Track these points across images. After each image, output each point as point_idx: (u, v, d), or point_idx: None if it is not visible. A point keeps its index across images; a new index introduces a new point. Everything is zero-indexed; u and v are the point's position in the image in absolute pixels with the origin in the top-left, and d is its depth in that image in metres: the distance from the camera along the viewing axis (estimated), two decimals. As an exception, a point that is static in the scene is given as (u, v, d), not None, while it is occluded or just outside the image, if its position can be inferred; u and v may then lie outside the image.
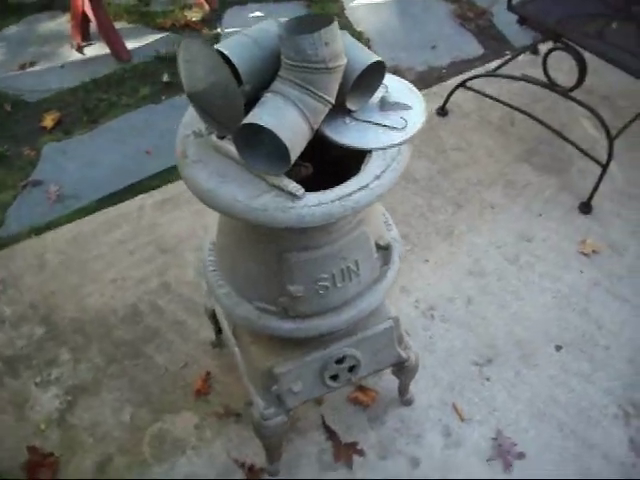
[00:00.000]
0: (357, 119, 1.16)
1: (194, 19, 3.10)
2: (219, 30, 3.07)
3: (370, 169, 1.08)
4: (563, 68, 2.37)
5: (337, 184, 1.08)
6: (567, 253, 2.15)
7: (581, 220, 2.24)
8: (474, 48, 2.94)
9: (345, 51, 1.07)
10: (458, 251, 2.17)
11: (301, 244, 1.19)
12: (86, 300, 2.04)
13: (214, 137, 1.13)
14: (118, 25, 3.00)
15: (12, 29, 3.17)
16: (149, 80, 2.81)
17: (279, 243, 1.19)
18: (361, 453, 1.73)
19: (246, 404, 1.76)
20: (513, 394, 1.83)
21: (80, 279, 2.09)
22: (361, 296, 1.31)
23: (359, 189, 1.05)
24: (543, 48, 2.69)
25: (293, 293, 1.21)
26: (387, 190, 1.08)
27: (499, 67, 2.49)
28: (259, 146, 1.06)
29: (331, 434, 1.75)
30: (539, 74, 2.33)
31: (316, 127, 1.07)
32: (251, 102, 1.06)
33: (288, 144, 1.00)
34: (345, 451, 1.73)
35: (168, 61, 2.88)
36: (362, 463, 1.71)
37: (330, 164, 1.18)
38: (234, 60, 1.04)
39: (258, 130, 1.03)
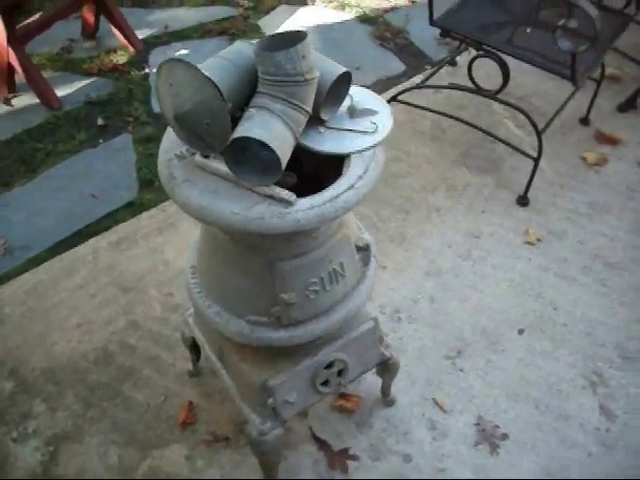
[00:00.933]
0: (330, 128, 1.22)
1: (120, 62, 3.11)
2: (147, 70, 3.09)
3: (352, 171, 1.15)
4: (480, 75, 2.52)
5: (315, 192, 1.13)
6: (514, 244, 2.28)
7: (521, 213, 2.38)
8: (396, 65, 3.09)
9: (317, 65, 1.14)
10: (413, 255, 2.26)
11: (291, 252, 1.23)
12: (54, 348, 1.99)
13: (198, 157, 1.17)
14: (44, 74, 2.96)
15: None
16: (83, 125, 2.79)
17: (269, 254, 1.24)
18: (355, 458, 1.76)
19: (236, 426, 1.78)
20: (487, 380, 1.92)
21: (44, 328, 2.04)
22: (348, 297, 1.36)
23: (346, 190, 1.12)
24: (461, 59, 2.88)
25: (287, 300, 1.25)
26: (371, 188, 1.14)
27: (425, 80, 2.64)
28: (245, 161, 1.11)
29: (322, 444, 1.78)
30: (462, 82, 2.48)
31: (298, 136, 1.13)
32: (232, 119, 1.10)
33: (279, 153, 1.05)
34: (339, 458, 1.76)
35: (100, 105, 2.87)
36: (357, 467, 1.75)
37: (306, 175, 1.24)
38: (216, 81, 1.09)
39: (244, 146, 1.08)
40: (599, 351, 1.99)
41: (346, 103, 1.26)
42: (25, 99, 2.93)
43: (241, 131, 1.06)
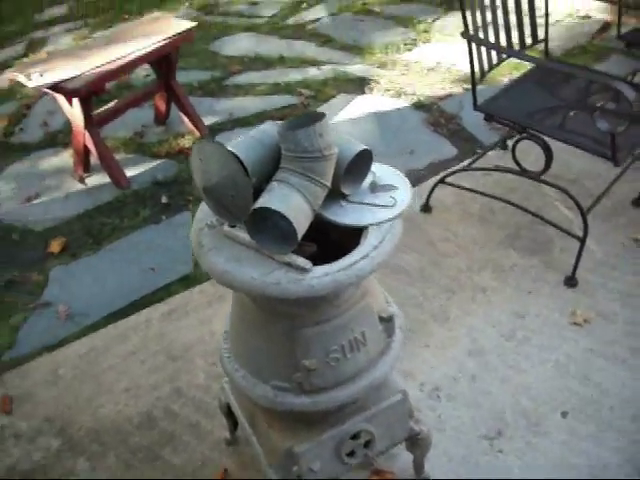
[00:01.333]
0: (352, 202, 1.30)
1: (187, 145, 3.33)
2: (211, 153, 3.29)
3: (369, 241, 1.21)
4: (529, 159, 2.57)
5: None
6: (560, 325, 2.24)
7: (569, 294, 2.36)
8: (448, 150, 3.18)
9: (337, 142, 1.24)
10: (456, 334, 2.26)
11: (312, 319, 1.29)
12: (100, 410, 2.09)
13: (226, 227, 1.26)
14: (117, 156, 3.22)
15: (17, 166, 3.39)
16: (148, 203, 2.99)
17: (291, 321, 1.30)
18: (385, 538, 1.73)
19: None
20: (527, 463, 1.86)
21: (94, 391, 2.15)
22: (372, 366, 1.40)
23: (361, 259, 1.18)
24: (510, 142, 2.93)
25: (308, 367, 1.30)
26: (385, 259, 1.20)
27: (471, 163, 2.70)
28: (267, 230, 1.19)
29: (353, 521, 1.76)
30: (511, 165, 2.53)
31: (317, 209, 1.21)
32: (256, 192, 1.20)
33: (295, 223, 1.13)
34: (368, 537, 1.73)
35: (165, 185, 3.08)
36: None
37: (330, 247, 1.31)
38: (242, 157, 1.19)
39: (266, 216, 1.16)
40: (648, 438, 1.90)
41: (369, 179, 1.33)
42: (98, 178, 3.18)
43: (261, 202, 1.15)
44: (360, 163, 1.29)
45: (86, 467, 1.94)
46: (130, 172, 3.18)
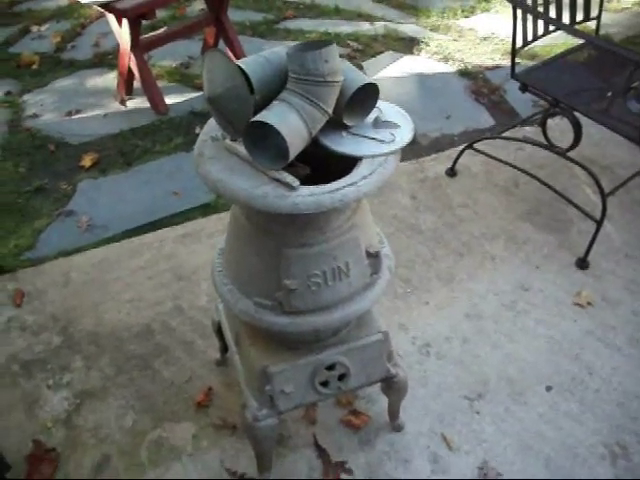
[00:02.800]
0: (352, 133, 1.32)
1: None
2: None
3: (359, 171, 1.24)
4: (565, 139, 2.53)
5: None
6: (562, 303, 2.24)
7: (578, 275, 2.34)
8: (485, 119, 3.14)
9: (344, 73, 1.25)
10: (457, 296, 2.27)
11: (297, 241, 1.33)
12: (103, 316, 2.18)
13: (228, 140, 1.30)
14: (160, 84, 3.28)
15: (63, 82, 3.49)
16: (183, 131, 3.05)
17: (279, 240, 1.33)
18: (349, 472, 1.79)
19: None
20: (502, 428, 1.89)
21: (100, 297, 2.24)
22: (352, 299, 1.43)
23: (347, 185, 1.20)
24: (551, 122, 2.88)
25: (289, 286, 1.34)
26: (373, 189, 1.22)
27: (503, 131, 2.67)
28: (265, 147, 1.23)
29: (322, 452, 1.82)
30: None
31: (314, 132, 1.23)
32: (260, 109, 1.23)
33: (288, 139, 1.16)
34: (334, 469, 1.79)
35: (202, 116, 3.13)
36: (350, 482, 1.77)
37: (328, 177, 1.33)
38: (248, 72, 1.22)
39: (265, 133, 1.20)
40: (629, 424, 1.90)
41: (373, 114, 1.35)
42: (138, 102, 3.25)
43: (258, 117, 1.18)
44: (366, 97, 1.31)
45: (81, 365, 2.04)
46: (170, 100, 3.23)
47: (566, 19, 2.45)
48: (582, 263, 2.35)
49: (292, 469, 1.79)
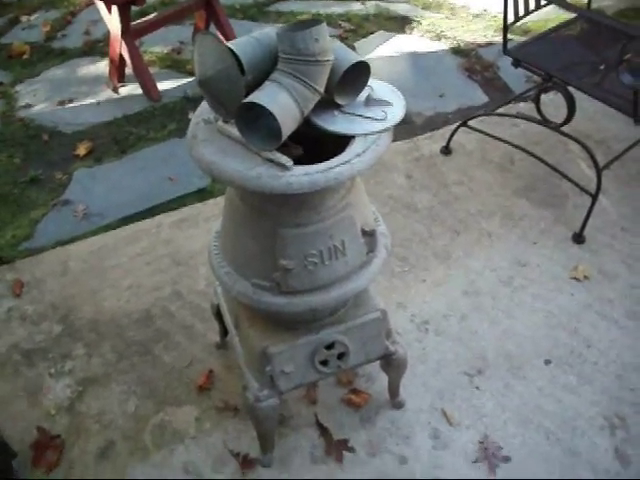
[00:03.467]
0: (344, 112, 1.32)
1: (221, 66, 3.35)
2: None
3: (352, 149, 1.24)
4: (559, 114, 2.53)
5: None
6: (559, 278, 2.25)
7: (574, 249, 2.35)
8: (479, 97, 3.14)
9: (335, 52, 1.25)
10: (455, 273, 2.28)
11: (293, 221, 1.33)
12: (103, 303, 2.19)
13: (220, 122, 1.30)
14: (152, 70, 3.26)
15: (54, 71, 3.47)
16: (176, 117, 3.05)
17: (274, 220, 1.34)
18: (351, 450, 1.80)
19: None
20: (501, 402, 1.90)
21: (99, 285, 2.25)
22: (348, 277, 1.44)
23: (341, 164, 1.21)
24: (545, 98, 2.88)
25: (285, 266, 1.35)
26: (366, 167, 1.23)
27: (497, 108, 2.67)
28: (257, 128, 1.23)
29: (323, 431, 1.84)
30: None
31: (306, 112, 1.23)
32: (252, 90, 1.23)
33: (280, 120, 1.16)
34: (336, 447, 1.81)
35: (195, 101, 3.11)
36: (352, 459, 1.79)
37: (322, 157, 1.33)
38: (238, 53, 1.22)
39: (257, 114, 1.20)
40: (627, 395, 1.92)
41: (365, 93, 1.35)
42: (130, 89, 3.24)
43: (250, 98, 1.18)
44: (357, 76, 1.30)
45: (82, 353, 2.05)
46: (162, 86, 3.22)
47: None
48: (578, 237, 2.36)
49: (294, 448, 1.81)
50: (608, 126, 2.85)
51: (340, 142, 1.28)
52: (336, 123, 1.29)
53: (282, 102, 1.18)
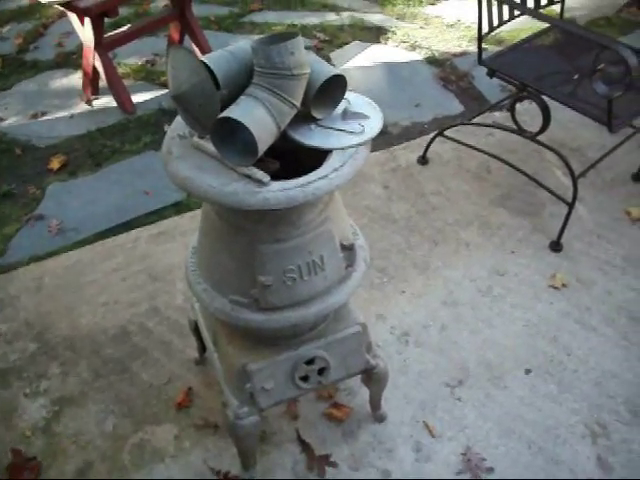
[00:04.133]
0: (321, 126, 1.31)
1: (196, 78, 3.33)
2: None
3: (330, 163, 1.23)
4: (534, 123, 2.54)
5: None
6: (538, 286, 2.26)
7: (552, 257, 2.36)
8: (455, 106, 3.15)
9: (310, 65, 1.24)
10: (434, 283, 2.28)
11: (271, 236, 1.32)
12: (79, 320, 2.15)
13: (195, 138, 1.28)
14: (126, 82, 3.23)
15: (26, 84, 3.42)
16: (151, 129, 3.02)
17: (252, 236, 1.32)
18: (334, 465, 1.79)
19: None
20: (483, 413, 1.90)
21: (74, 301, 2.21)
22: (328, 292, 1.42)
23: (319, 178, 1.19)
24: (520, 107, 2.90)
25: (264, 282, 1.33)
26: (345, 181, 1.21)
27: (472, 118, 2.69)
28: (233, 143, 1.21)
29: (305, 447, 1.82)
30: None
31: (283, 127, 1.22)
32: (227, 105, 1.21)
33: (256, 134, 1.14)
34: (319, 462, 1.79)
35: (170, 114, 3.09)
36: (335, 474, 1.77)
37: (299, 171, 1.32)
38: (212, 67, 1.21)
39: (233, 129, 1.18)
40: (607, 403, 1.93)
41: (342, 106, 1.34)
42: (104, 101, 3.20)
43: (225, 112, 1.16)
44: (334, 89, 1.30)
45: (58, 371, 2.01)
46: (137, 98, 3.19)
47: (531, 3, 2.46)
48: (556, 246, 2.37)
49: (276, 465, 1.79)
50: (583, 134, 2.88)
51: (317, 156, 1.27)
52: (313, 137, 1.28)
53: (258, 117, 1.16)
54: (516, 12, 2.40)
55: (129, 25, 3.22)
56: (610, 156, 2.53)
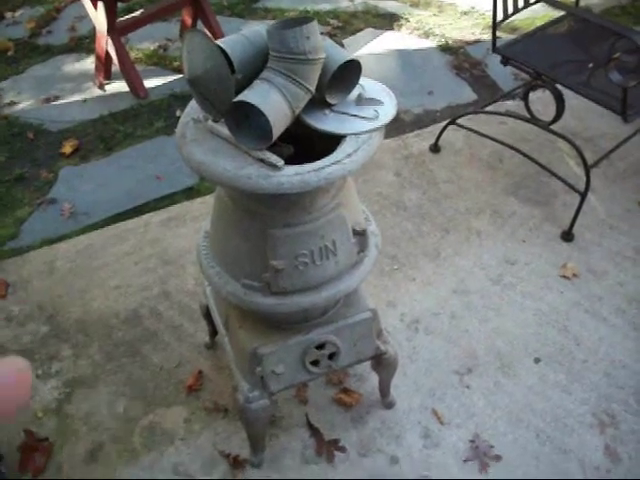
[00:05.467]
0: (335, 111, 1.31)
1: (208, 63, 3.32)
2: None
3: (343, 149, 1.23)
4: (548, 112, 2.53)
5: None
6: (549, 276, 2.25)
7: (563, 247, 2.35)
8: (468, 94, 3.13)
9: (325, 50, 1.24)
10: (444, 272, 2.28)
11: (284, 221, 1.32)
12: (90, 303, 2.17)
13: (210, 122, 1.28)
14: (138, 67, 3.23)
15: (39, 68, 3.43)
16: (163, 114, 3.02)
17: (264, 221, 1.33)
18: (342, 450, 1.80)
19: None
20: (492, 401, 1.91)
21: (86, 285, 2.22)
22: (339, 277, 1.42)
23: (333, 163, 1.19)
24: (533, 96, 2.88)
25: (276, 267, 1.33)
26: (358, 167, 1.21)
27: (485, 106, 2.67)
28: (248, 127, 1.21)
29: (314, 431, 1.83)
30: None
31: (297, 111, 1.22)
32: (242, 89, 1.21)
33: (271, 119, 1.14)
34: (327, 447, 1.80)
35: (182, 99, 3.09)
36: (343, 459, 1.78)
37: (312, 156, 1.32)
38: (228, 51, 1.20)
39: (247, 113, 1.18)
40: (616, 393, 1.93)
41: (356, 92, 1.34)
42: (117, 86, 3.20)
43: (240, 97, 1.16)
44: (348, 74, 1.29)
45: (69, 354, 2.03)
46: (149, 83, 3.19)
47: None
48: (567, 235, 2.37)
49: (285, 449, 1.80)
50: (596, 124, 2.86)
51: (331, 141, 1.27)
52: (327, 122, 1.28)
53: (273, 101, 1.16)
54: (531, 0, 2.38)
55: (142, 10, 3.22)
56: (623, 146, 2.51)
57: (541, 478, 1.74)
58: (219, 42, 1.23)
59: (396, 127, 2.89)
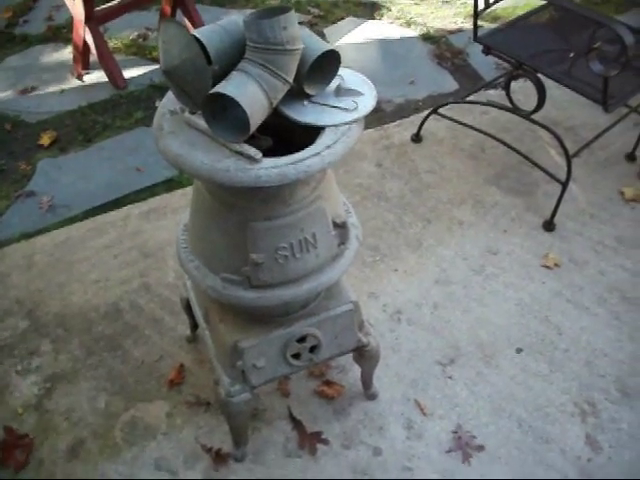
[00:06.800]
0: (314, 102, 1.29)
1: (188, 53, 3.29)
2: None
3: (323, 141, 1.21)
4: (530, 102, 2.53)
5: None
6: (530, 266, 2.26)
7: (545, 237, 2.36)
8: (450, 84, 3.13)
9: (304, 40, 1.22)
10: (426, 262, 2.28)
11: (263, 214, 1.31)
12: (70, 298, 2.14)
13: (187, 113, 1.26)
14: (117, 57, 3.19)
15: (16, 58, 3.37)
16: (142, 105, 2.99)
17: (243, 214, 1.31)
18: (325, 442, 1.79)
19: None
20: (474, 391, 1.91)
21: (65, 279, 2.20)
22: (320, 270, 1.41)
23: (311, 156, 1.18)
24: (515, 85, 2.87)
25: (256, 260, 1.32)
26: (337, 159, 1.20)
27: (467, 96, 2.67)
28: (224, 119, 1.19)
29: (297, 424, 1.83)
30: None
31: (275, 102, 1.20)
32: (219, 80, 1.19)
33: (248, 111, 1.13)
34: (310, 440, 1.80)
35: (161, 89, 3.05)
36: (326, 451, 1.78)
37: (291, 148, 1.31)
38: (204, 42, 1.18)
39: (225, 105, 1.16)
40: (597, 382, 1.94)
41: (335, 82, 1.32)
42: (95, 76, 3.16)
43: (217, 88, 1.14)
44: (327, 65, 1.28)
45: (49, 349, 2.01)
46: (128, 73, 3.15)
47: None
48: (549, 225, 2.37)
49: (267, 442, 1.79)
50: (577, 114, 2.87)
51: (310, 132, 1.25)
52: (306, 114, 1.26)
53: (250, 93, 1.14)
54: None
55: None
56: (604, 136, 2.51)
57: (525, 472, 1.75)
58: (195, 32, 1.20)
59: (377, 117, 2.88)
